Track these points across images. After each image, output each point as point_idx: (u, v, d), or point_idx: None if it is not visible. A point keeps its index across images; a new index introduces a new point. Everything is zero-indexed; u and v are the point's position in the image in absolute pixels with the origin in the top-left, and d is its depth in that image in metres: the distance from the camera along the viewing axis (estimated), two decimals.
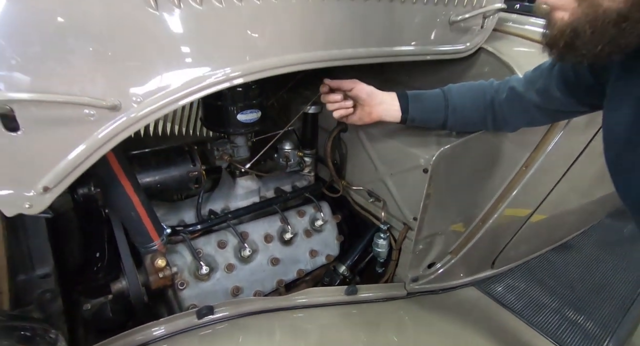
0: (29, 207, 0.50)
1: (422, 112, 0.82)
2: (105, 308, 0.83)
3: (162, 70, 0.55)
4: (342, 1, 0.68)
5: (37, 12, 0.45)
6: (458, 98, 0.80)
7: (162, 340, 0.68)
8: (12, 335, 0.44)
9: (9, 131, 0.46)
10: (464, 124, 0.84)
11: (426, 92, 0.83)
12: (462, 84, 0.82)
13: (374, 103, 0.82)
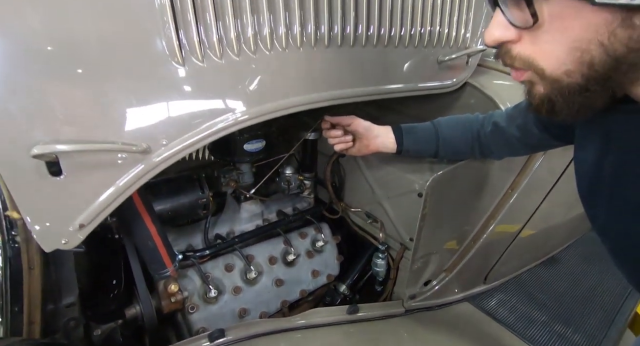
0: (65, 243, 0.55)
1: (415, 143, 0.89)
2: (115, 333, 0.86)
3: (185, 115, 0.62)
4: (341, 48, 0.76)
5: (77, 76, 0.52)
6: (447, 130, 0.88)
7: None
8: None
9: (53, 176, 0.52)
10: (453, 154, 0.92)
11: (418, 125, 0.90)
12: (450, 117, 0.90)
13: (371, 137, 0.89)
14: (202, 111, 0.63)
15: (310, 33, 0.70)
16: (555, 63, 0.39)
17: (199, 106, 0.63)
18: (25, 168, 0.50)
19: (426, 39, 0.90)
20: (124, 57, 0.55)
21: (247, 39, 0.64)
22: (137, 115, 0.57)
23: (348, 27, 0.75)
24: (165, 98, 0.59)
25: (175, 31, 0.56)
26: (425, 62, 0.92)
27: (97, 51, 0.52)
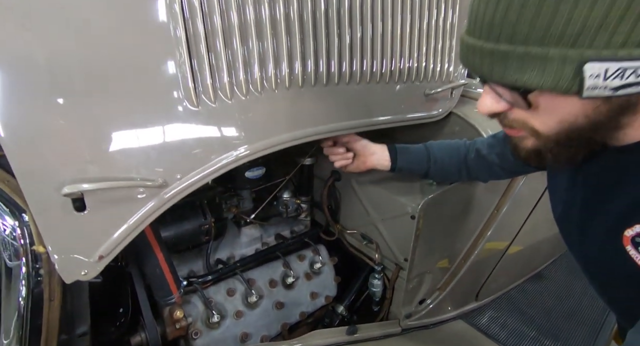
0: (84, 274, 0.58)
1: (408, 163, 0.95)
2: None
3: (197, 151, 0.67)
4: (332, 87, 0.83)
5: (102, 118, 0.57)
6: (439, 153, 0.95)
7: None
8: None
9: (77, 211, 0.56)
10: (443, 175, 0.98)
11: (411, 146, 0.97)
12: (441, 142, 0.97)
13: (368, 154, 0.96)
14: (212, 147, 0.69)
15: (309, 73, 0.77)
16: (547, 128, 0.43)
17: (210, 142, 0.68)
18: (53, 205, 0.54)
19: (413, 74, 0.99)
20: (144, 101, 0.60)
21: (255, 80, 0.71)
22: (155, 152, 0.62)
23: (335, 66, 0.82)
24: (180, 136, 0.65)
25: (191, 77, 0.62)
26: (413, 95, 1.00)
27: (121, 96, 0.58)
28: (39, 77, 0.51)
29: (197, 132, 0.66)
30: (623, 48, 0.33)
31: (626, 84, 0.34)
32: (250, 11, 0.66)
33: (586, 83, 0.35)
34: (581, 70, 0.34)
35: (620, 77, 0.34)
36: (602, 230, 0.51)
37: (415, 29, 0.94)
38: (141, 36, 0.57)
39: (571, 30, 0.33)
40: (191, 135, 0.66)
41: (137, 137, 0.60)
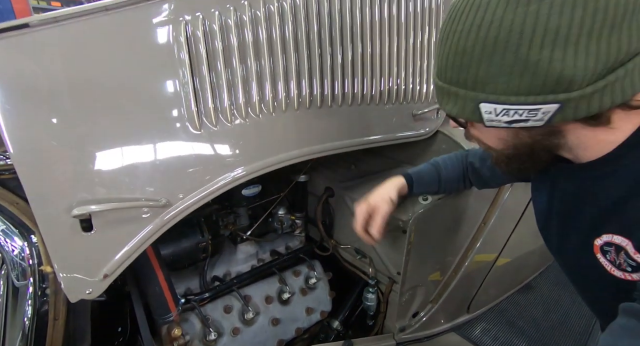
0: (89, 293, 0.60)
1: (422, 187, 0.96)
2: None
3: (199, 172, 0.70)
4: (326, 109, 0.88)
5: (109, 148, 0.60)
6: (446, 172, 0.97)
7: None
8: None
9: (84, 232, 0.58)
10: (450, 190, 1.01)
11: (423, 170, 0.97)
12: (446, 158, 0.99)
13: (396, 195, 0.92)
14: (213, 168, 0.72)
15: (304, 96, 0.83)
16: (493, 144, 0.53)
17: (210, 164, 0.72)
18: (62, 225, 0.56)
19: (401, 95, 1.05)
20: (150, 125, 0.64)
21: (253, 103, 0.75)
22: (159, 173, 0.65)
23: (328, 89, 0.87)
24: (183, 158, 0.68)
25: (194, 101, 0.67)
26: (402, 115, 1.06)
27: (128, 122, 0.61)
28: (49, 104, 0.55)
29: (199, 154, 0.70)
30: (503, 95, 0.43)
31: (513, 120, 0.44)
32: (249, 36, 0.71)
33: (484, 117, 0.45)
34: (478, 107, 0.45)
35: (506, 115, 0.44)
36: (577, 239, 0.56)
37: (402, 50, 1.00)
38: (148, 68, 0.62)
39: (472, 79, 0.44)
40: (193, 157, 0.69)
41: (142, 159, 0.63)
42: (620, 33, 0.38)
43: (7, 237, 0.59)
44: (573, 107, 0.41)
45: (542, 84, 0.40)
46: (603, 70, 0.39)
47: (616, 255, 0.50)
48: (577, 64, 0.39)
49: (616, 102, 0.41)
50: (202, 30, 0.65)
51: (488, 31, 0.41)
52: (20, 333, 0.58)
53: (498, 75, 0.42)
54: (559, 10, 0.37)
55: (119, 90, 0.60)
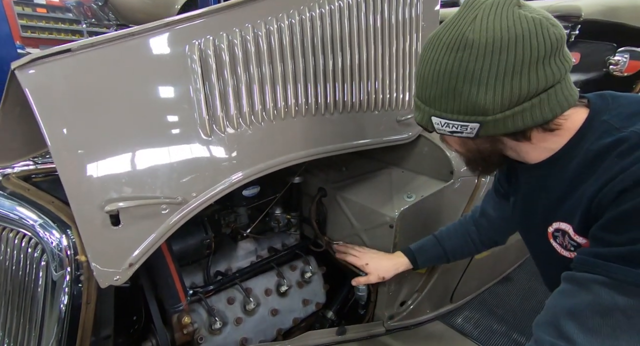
0: (116, 280, 0.69)
1: (427, 261, 1.08)
2: None
3: (209, 174, 0.80)
4: (320, 117, 0.99)
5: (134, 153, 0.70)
6: (450, 243, 1.05)
7: None
8: None
9: (113, 226, 0.67)
10: (462, 256, 1.10)
11: (426, 244, 1.07)
12: (450, 227, 1.09)
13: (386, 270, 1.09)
14: (221, 170, 0.82)
15: (300, 105, 0.93)
16: (456, 147, 0.67)
17: (219, 166, 0.82)
18: (95, 220, 0.65)
19: (387, 103, 1.17)
20: (167, 133, 0.73)
21: (257, 112, 0.86)
22: (175, 174, 0.75)
23: (321, 99, 0.98)
24: (195, 161, 0.78)
25: (206, 110, 0.76)
26: (388, 121, 1.18)
27: (149, 131, 0.71)
28: (86, 116, 0.64)
29: (209, 157, 0.80)
30: (444, 112, 0.57)
31: (453, 131, 0.59)
32: (253, 55, 0.82)
33: (435, 126, 0.61)
34: (430, 119, 0.60)
35: (447, 126, 0.58)
36: (536, 229, 0.68)
37: (386, 60, 1.11)
38: (167, 82, 0.71)
39: (427, 97, 0.59)
40: (205, 159, 0.79)
41: (161, 162, 0.72)
42: (520, 78, 0.51)
43: (46, 230, 0.67)
44: (491, 126, 0.55)
45: (466, 108, 0.55)
46: (510, 104, 0.52)
47: (563, 238, 0.62)
48: (486, 97, 0.52)
49: (528, 125, 0.54)
50: (212, 49, 0.75)
51: (435, 65, 0.56)
52: (57, 316, 0.66)
53: (440, 98, 0.57)
54: (475, 59, 0.51)
55: (143, 102, 0.69)
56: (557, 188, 0.60)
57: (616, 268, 0.47)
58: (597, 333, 0.46)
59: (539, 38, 0.49)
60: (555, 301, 0.54)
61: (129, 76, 0.66)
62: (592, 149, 0.54)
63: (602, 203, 0.51)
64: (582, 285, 0.50)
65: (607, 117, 0.54)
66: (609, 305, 0.46)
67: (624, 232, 0.47)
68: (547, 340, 0.51)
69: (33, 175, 0.82)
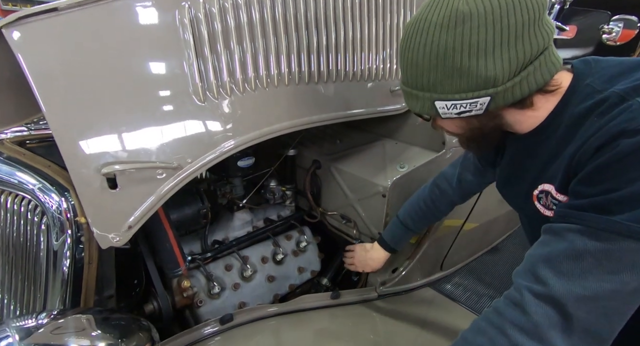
0: (116, 241, 0.71)
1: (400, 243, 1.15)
2: None
3: (204, 139, 0.81)
4: (313, 85, 0.99)
5: (129, 116, 0.70)
6: (411, 221, 1.10)
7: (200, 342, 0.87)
8: (110, 324, 0.61)
9: (111, 189, 0.68)
10: (429, 222, 1.16)
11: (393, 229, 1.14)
12: (407, 204, 1.12)
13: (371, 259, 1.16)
14: (216, 136, 0.83)
15: (294, 73, 0.93)
16: (457, 131, 0.66)
17: (214, 132, 0.82)
18: (92, 183, 0.66)
19: (380, 73, 1.16)
20: (162, 99, 0.73)
21: (250, 79, 0.86)
22: (170, 140, 0.76)
23: (315, 67, 0.98)
24: (190, 127, 0.78)
25: (199, 77, 0.76)
26: (381, 91, 1.18)
27: (144, 97, 0.71)
28: (80, 79, 0.64)
29: (203, 123, 0.80)
30: (450, 94, 0.56)
31: (461, 111, 0.58)
32: (245, 21, 0.81)
33: (439, 111, 0.59)
34: (434, 105, 0.58)
35: (455, 108, 0.57)
36: (522, 192, 0.71)
37: (380, 31, 1.11)
38: (160, 48, 0.71)
39: (426, 83, 0.57)
40: (199, 126, 0.80)
41: (156, 128, 0.73)
42: (523, 42, 0.52)
43: (45, 194, 0.68)
44: (501, 97, 0.55)
45: (475, 83, 0.54)
46: (517, 69, 0.53)
47: (546, 199, 0.65)
48: (496, 67, 0.53)
49: (533, 90, 0.55)
50: (204, 13, 0.74)
51: (431, 47, 0.54)
52: (61, 277, 0.68)
53: (443, 80, 0.56)
54: (477, 31, 0.51)
55: (135, 66, 0.69)
56: (544, 153, 0.63)
57: (589, 216, 0.49)
58: (569, 275, 0.49)
59: (532, 0, 0.51)
60: (533, 251, 0.58)
61: (118, 38, 0.65)
62: (575, 113, 0.56)
63: (580, 160, 0.53)
64: (558, 234, 0.53)
65: (590, 81, 0.56)
66: (581, 250, 0.49)
67: (598, 184, 0.49)
68: (523, 285, 0.53)
69: (27, 141, 0.82)
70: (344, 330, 1.14)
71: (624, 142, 0.47)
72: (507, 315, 0.53)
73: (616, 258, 0.47)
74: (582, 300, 0.48)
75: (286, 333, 1.01)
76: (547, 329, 0.49)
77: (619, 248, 0.46)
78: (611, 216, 0.47)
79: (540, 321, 0.50)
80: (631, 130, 0.47)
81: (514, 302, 0.54)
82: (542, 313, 0.50)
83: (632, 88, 0.50)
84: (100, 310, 0.64)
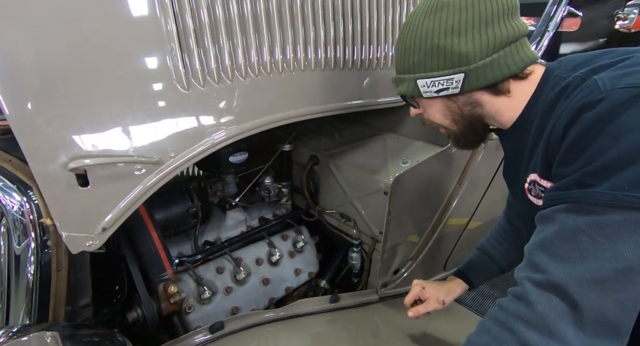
0: (89, 245, 0.63)
1: (481, 276, 0.99)
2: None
3: (189, 131, 0.73)
4: (310, 73, 0.91)
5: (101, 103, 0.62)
6: (494, 248, 0.96)
7: None
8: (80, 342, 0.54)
9: (81, 187, 0.60)
10: (515, 261, 0.96)
11: (474, 261, 0.99)
12: (489, 234, 1.01)
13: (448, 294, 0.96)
14: (202, 128, 0.75)
15: (289, 60, 0.85)
16: (439, 120, 0.70)
17: (200, 123, 0.74)
18: (58, 180, 0.58)
19: (382, 62, 1.09)
20: (140, 84, 0.65)
21: (239, 65, 0.78)
22: (150, 132, 0.68)
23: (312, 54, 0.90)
24: (173, 117, 0.70)
25: (182, 62, 0.68)
26: (382, 82, 1.10)
27: (119, 79, 0.63)
28: (43, 63, 0.55)
29: (188, 113, 0.72)
30: (430, 72, 0.63)
31: (439, 89, 0.63)
32: (234, 5, 0.73)
33: (421, 89, 0.65)
34: (416, 84, 0.65)
35: (434, 85, 0.63)
36: (517, 189, 0.70)
37: (382, 22, 1.03)
38: (135, 27, 0.63)
39: (411, 65, 0.65)
40: (183, 116, 0.72)
41: (134, 118, 0.65)
42: (493, 28, 0.59)
43: (5, 193, 0.60)
44: (474, 76, 0.61)
45: (451, 60, 0.61)
46: (487, 51, 0.60)
47: (535, 188, 0.63)
48: (468, 45, 0.59)
49: (505, 74, 0.60)
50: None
51: (415, 32, 0.63)
52: (25, 286, 0.61)
53: (425, 60, 0.63)
54: (452, 15, 0.60)
55: (110, 48, 0.61)
56: (527, 144, 0.64)
57: (573, 193, 0.49)
58: (567, 259, 0.47)
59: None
60: (529, 243, 0.55)
61: (91, 17, 0.57)
62: (547, 100, 0.59)
63: (554, 143, 0.54)
64: (548, 218, 0.52)
65: (558, 72, 0.60)
66: (573, 229, 0.48)
67: (573, 161, 0.50)
68: (523, 276, 0.52)
69: None
70: (343, 335, 1.07)
71: (586, 116, 0.49)
72: (511, 308, 0.51)
73: (610, 232, 0.45)
74: (586, 284, 0.46)
75: (282, 341, 0.94)
76: (554, 320, 0.47)
77: (609, 220, 0.45)
78: (593, 189, 0.47)
79: (546, 312, 0.47)
80: (590, 102, 0.49)
81: (516, 296, 0.52)
82: (546, 302, 0.48)
83: (590, 70, 0.54)
84: (69, 326, 0.57)
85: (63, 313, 0.64)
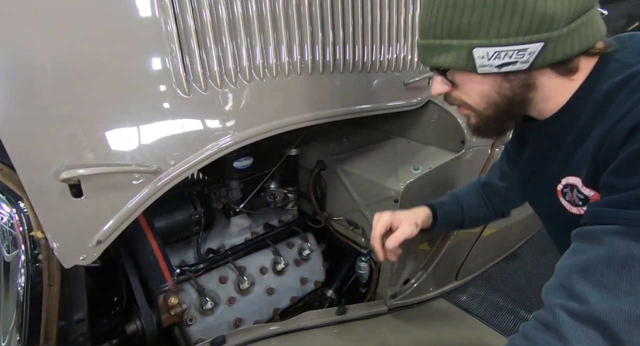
0: (83, 259, 0.60)
1: (446, 214, 0.91)
2: None
3: (190, 138, 0.69)
4: (317, 76, 0.86)
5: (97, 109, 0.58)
6: (465, 202, 0.92)
7: None
8: None
9: (75, 197, 0.57)
10: (476, 220, 0.94)
11: (445, 201, 0.93)
12: (463, 188, 0.96)
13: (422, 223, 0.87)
14: (204, 134, 0.71)
15: (295, 62, 0.81)
16: (474, 102, 0.56)
17: (202, 130, 0.71)
18: (50, 191, 0.55)
19: (393, 64, 1.04)
20: (138, 89, 0.62)
21: (244, 68, 0.74)
22: (148, 139, 0.64)
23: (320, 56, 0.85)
24: (172, 124, 0.67)
25: (182, 65, 0.64)
26: (393, 84, 1.05)
27: (115, 84, 0.59)
28: (34, 69, 0.52)
29: (189, 119, 0.68)
30: (496, 38, 0.47)
31: (504, 63, 0.48)
32: (238, 5, 0.69)
33: (477, 62, 0.49)
34: (471, 54, 0.48)
35: (498, 58, 0.47)
36: (545, 189, 0.61)
37: (393, 22, 0.98)
38: (134, 30, 0.59)
39: (464, 28, 0.48)
40: (183, 122, 0.68)
41: (131, 125, 0.61)
42: None
43: None
44: (552, 48, 0.46)
45: (529, 23, 0.45)
46: (574, 13, 0.45)
47: (571, 193, 0.55)
48: (556, 3, 0.44)
49: (583, 47, 0.47)
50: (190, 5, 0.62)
51: None
52: (15, 301, 0.58)
53: (490, 19, 0.46)
54: None
55: (103, 51, 0.57)
56: (568, 140, 0.54)
57: (630, 214, 0.41)
58: (614, 289, 0.41)
59: None
60: (564, 262, 0.48)
61: (87, 24, 0.54)
62: (603, 90, 0.48)
63: (611, 146, 0.45)
64: (594, 238, 0.44)
65: (619, 55, 0.49)
66: (625, 257, 0.40)
67: (635, 173, 0.41)
68: (556, 303, 0.44)
69: None
70: None
71: None
72: (539, 341, 0.45)
73: None
74: (633, 321, 0.39)
75: None
76: None
77: None
78: None
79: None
80: None
81: (545, 325, 0.45)
82: (584, 338, 0.41)
83: None
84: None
85: (55, 329, 0.61)
